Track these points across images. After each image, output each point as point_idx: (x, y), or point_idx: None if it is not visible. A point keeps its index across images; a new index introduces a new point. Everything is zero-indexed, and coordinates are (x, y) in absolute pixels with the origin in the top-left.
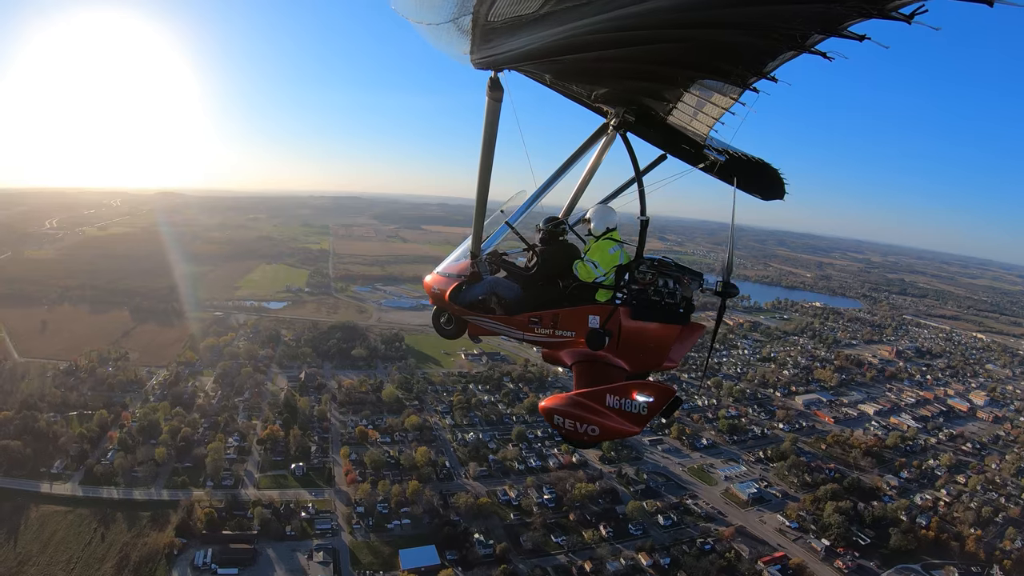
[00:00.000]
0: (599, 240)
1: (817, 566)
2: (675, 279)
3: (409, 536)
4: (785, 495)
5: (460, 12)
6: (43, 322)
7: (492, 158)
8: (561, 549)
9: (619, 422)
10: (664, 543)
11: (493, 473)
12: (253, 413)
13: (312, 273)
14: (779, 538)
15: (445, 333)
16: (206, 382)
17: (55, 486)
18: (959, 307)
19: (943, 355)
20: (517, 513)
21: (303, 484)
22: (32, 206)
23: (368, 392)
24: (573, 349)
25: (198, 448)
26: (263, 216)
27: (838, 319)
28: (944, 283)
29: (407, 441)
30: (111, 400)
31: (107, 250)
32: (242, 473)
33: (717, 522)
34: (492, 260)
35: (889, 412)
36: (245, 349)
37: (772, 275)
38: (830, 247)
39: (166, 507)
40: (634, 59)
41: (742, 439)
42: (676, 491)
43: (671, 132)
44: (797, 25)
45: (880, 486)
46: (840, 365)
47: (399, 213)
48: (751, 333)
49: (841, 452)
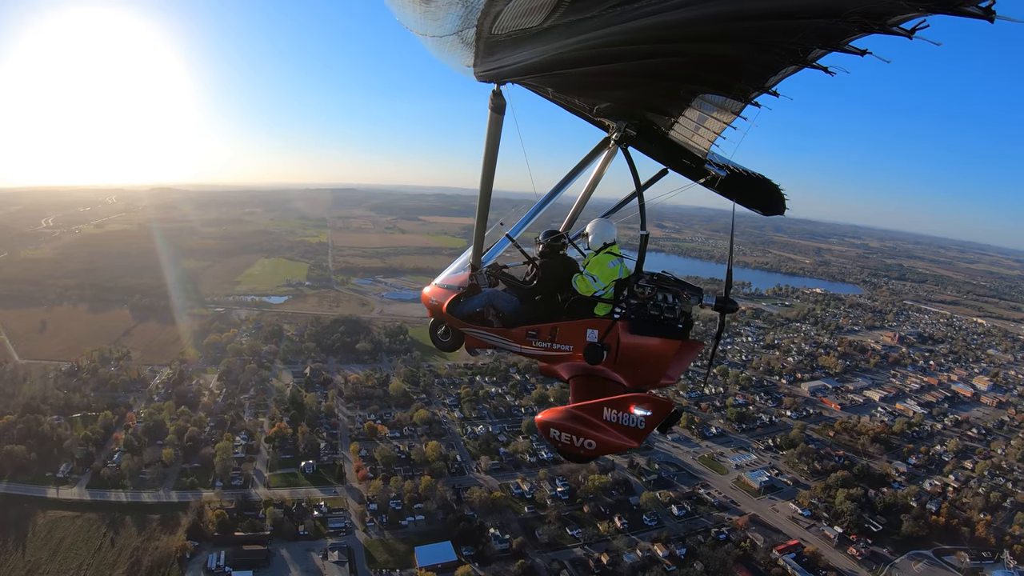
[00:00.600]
0: (598, 254)
1: (831, 553)
2: (674, 294)
3: (424, 532)
4: (796, 483)
5: (464, 25)
6: (42, 322)
7: (494, 170)
8: (577, 542)
9: (617, 436)
10: (679, 533)
11: (505, 466)
12: (259, 410)
13: (312, 266)
14: (792, 526)
15: (442, 345)
16: (210, 380)
17: (61, 490)
18: (958, 292)
19: (945, 340)
20: (531, 506)
21: (314, 482)
22: (26, 205)
23: (375, 386)
24: (571, 363)
25: (205, 448)
26: (259, 210)
27: (839, 305)
28: (942, 268)
29: (416, 435)
30: (115, 401)
31: (104, 248)
32: (251, 472)
33: (730, 511)
34: (491, 273)
35: (894, 398)
36: (248, 345)
37: (771, 261)
38: (827, 232)
39: (176, 509)
40: (636, 73)
41: (750, 427)
42: (688, 481)
43: (672, 147)
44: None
45: (889, 472)
46: (844, 351)
47: (396, 204)
48: (754, 320)
49: (849, 439)
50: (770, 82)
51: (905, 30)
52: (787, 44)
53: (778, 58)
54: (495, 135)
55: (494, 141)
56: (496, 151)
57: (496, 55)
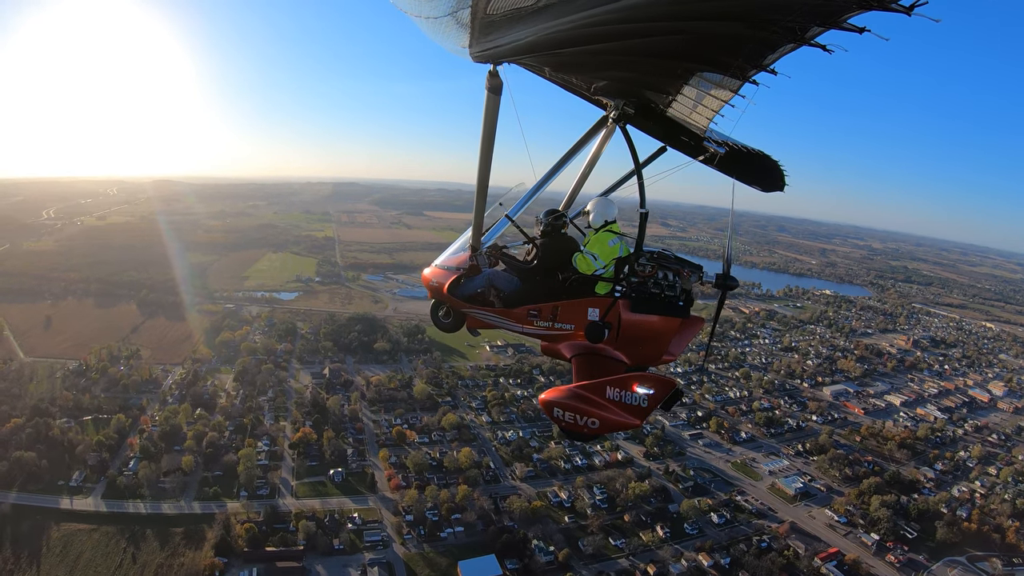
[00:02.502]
0: (598, 232)
1: (870, 561)
2: (675, 272)
3: (464, 545)
4: (830, 489)
5: (459, 6)
6: (47, 318)
7: (492, 151)
8: (621, 552)
9: (619, 414)
10: (721, 542)
11: (540, 473)
12: (279, 413)
13: (320, 262)
14: (830, 533)
15: (443, 326)
16: (225, 380)
17: (76, 501)
18: (964, 295)
19: (957, 344)
20: (572, 515)
21: (344, 491)
22: (27, 196)
23: (398, 388)
24: (572, 342)
25: (227, 455)
26: (262, 203)
27: (850, 307)
28: (946, 271)
29: (446, 441)
30: (127, 402)
31: (108, 240)
32: (277, 481)
33: (768, 518)
34: (491, 253)
35: (914, 403)
36: (262, 343)
37: (778, 262)
38: (830, 233)
39: (199, 522)
40: (633, 51)
41: (779, 432)
42: (724, 487)
43: (671, 124)
44: (797, 18)
45: (918, 478)
46: (861, 355)
47: (399, 199)
48: (768, 322)
49: (876, 444)
50: (768, 60)
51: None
52: (785, 22)
53: (776, 36)
54: (492, 115)
55: (491, 121)
56: (494, 132)
57: (492, 35)
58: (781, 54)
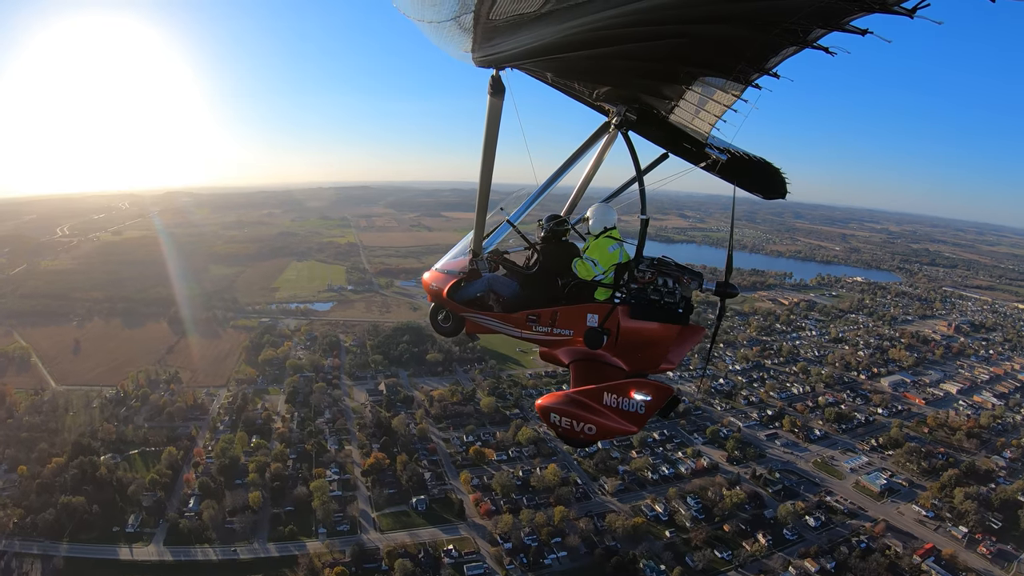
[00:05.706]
0: (598, 238)
1: (964, 555)
2: (675, 278)
3: (571, 570)
4: (911, 483)
5: (462, 10)
6: (75, 341)
7: (494, 156)
8: (730, 565)
9: (617, 421)
10: (823, 546)
11: (629, 486)
12: (342, 437)
13: (349, 269)
14: (921, 529)
15: (442, 330)
16: (276, 402)
17: (136, 550)
18: (990, 277)
19: (996, 328)
20: (672, 530)
21: (430, 520)
22: (40, 214)
23: (462, 402)
24: (571, 348)
25: (296, 487)
26: (277, 211)
27: (885, 294)
28: (967, 252)
29: (525, 457)
30: (175, 432)
31: (127, 256)
32: (356, 514)
33: (860, 518)
34: (492, 258)
35: (970, 390)
36: (307, 360)
37: (803, 249)
38: (846, 218)
39: (280, 566)
40: (635, 56)
41: (849, 427)
42: (811, 488)
43: (673, 131)
44: (799, 20)
45: (992, 467)
46: (909, 343)
47: (414, 201)
48: (810, 313)
49: (944, 435)
50: (770, 63)
51: (906, 9)
52: (787, 24)
53: (778, 39)
54: (495, 120)
55: (494, 126)
56: (496, 136)
57: (494, 40)
58: (784, 57)
